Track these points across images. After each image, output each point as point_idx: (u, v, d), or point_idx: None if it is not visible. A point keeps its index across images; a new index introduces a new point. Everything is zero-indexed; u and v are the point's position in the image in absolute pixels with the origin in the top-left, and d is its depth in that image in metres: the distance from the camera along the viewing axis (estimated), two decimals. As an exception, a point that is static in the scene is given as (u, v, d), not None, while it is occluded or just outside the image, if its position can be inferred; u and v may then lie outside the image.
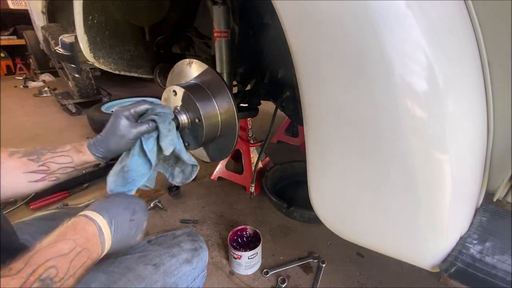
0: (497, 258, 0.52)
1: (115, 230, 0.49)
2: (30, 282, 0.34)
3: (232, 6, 1.01)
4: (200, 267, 0.75)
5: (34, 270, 0.36)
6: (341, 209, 0.65)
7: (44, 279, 0.36)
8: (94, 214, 0.48)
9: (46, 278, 0.36)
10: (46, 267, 0.37)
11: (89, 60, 1.15)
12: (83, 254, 0.42)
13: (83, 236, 0.43)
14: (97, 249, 0.46)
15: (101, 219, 0.48)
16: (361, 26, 0.48)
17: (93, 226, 0.46)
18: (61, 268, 0.38)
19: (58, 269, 0.38)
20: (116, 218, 0.50)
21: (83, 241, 0.43)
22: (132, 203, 0.56)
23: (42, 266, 0.36)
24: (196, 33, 1.33)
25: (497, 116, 0.58)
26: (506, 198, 0.63)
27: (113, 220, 0.50)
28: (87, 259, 0.43)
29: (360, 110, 0.53)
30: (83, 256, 0.42)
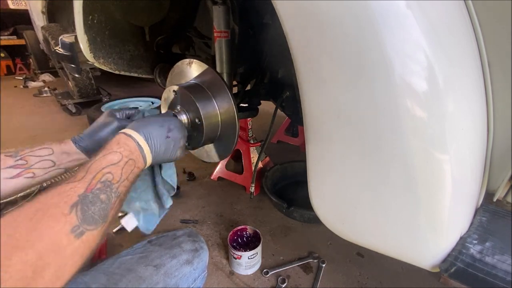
0: (497, 258, 0.52)
1: (152, 145, 0.53)
2: (93, 185, 0.41)
3: (232, 6, 1.01)
4: (201, 268, 0.75)
5: (94, 176, 0.42)
6: (341, 209, 0.65)
7: (104, 181, 0.43)
8: (131, 132, 0.52)
9: (105, 181, 0.43)
10: (103, 173, 0.43)
11: (89, 60, 1.15)
12: (130, 163, 0.48)
13: (126, 149, 0.49)
14: (140, 160, 0.51)
15: (138, 135, 0.52)
16: (361, 26, 0.48)
17: (132, 141, 0.51)
18: (115, 174, 0.45)
19: (113, 174, 0.44)
20: (152, 135, 0.54)
21: (128, 153, 0.48)
22: (166, 121, 0.58)
23: (100, 173, 0.43)
24: (196, 33, 1.33)
25: (497, 116, 0.58)
26: (506, 198, 0.63)
27: (149, 136, 0.53)
28: (134, 167, 0.49)
29: (360, 110, 0.53)
30: (131, 165, 0.48)
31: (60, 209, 0.37)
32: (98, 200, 0.41)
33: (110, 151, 0.47)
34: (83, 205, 0.39)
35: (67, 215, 0.37)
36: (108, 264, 0.66)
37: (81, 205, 0.38)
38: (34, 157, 0.56)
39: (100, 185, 0.42)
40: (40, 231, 0.34)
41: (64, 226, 0.36)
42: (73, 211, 0.37)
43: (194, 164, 1.94)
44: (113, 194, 0.43)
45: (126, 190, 0.47)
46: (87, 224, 0.38)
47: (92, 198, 0.40)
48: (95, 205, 0.40)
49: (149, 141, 0.53)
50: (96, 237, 0.40)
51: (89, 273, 0.63)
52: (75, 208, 0.38)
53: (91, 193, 0.40)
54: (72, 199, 0.38)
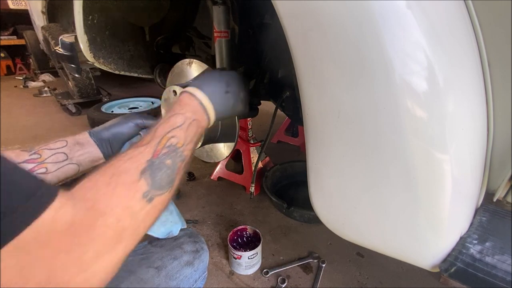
0: (497, 258, 0.52)
1: (214, 102, 0.54)
2: (159, 150, 0.43)
3: (232, 6, 1.01)
4: (201, 269, 0.75)
5: (159, 141, 0.44)
6: (341, 209, 0.65)
7: (169, 146, 0.44)
8: (194, 90, 0.53)
9: (170, 145, 0.44)
10: (168, 138, 0.45)
11: (89, 60, 1.15)
12: (193, 124, 0.49)
13: (188, 110, 0.50)
14: (204, 119, 0.52)
15: (200, 93, 0.52)
16: (361, 26, 0.48)
17: (194, 100, 0.52)
18: (179, 137, 0.46)
19: (177, 138, 0.46)
20: (213, 91, 0.54)
21: (191, 114, 0.50)
22: (223, 75, 0.58)
23: (165, 137, 0.44)
24: (196, 33, 1.33)
25: (497, 116, 0.58)
26: (506, 198, 0.63)
27: (211, 93, 0.54)
28: (197, 128, 0.50)
29: (360, 109, 0.53)
30: (194, 126, 0.49)
31: (131, 175, 0.39)
32: (164, 166, 0.42)
33: (173, 113, 0.49)
34: (151, 171, 0.40)
35: (138, 181, 0.39)
36: None
37: (149, 171, 0.40)
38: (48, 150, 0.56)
39: (165, 150, 0.43)
40: (116, 196, 0.36)
41: (136, 192, 0.38)
42: (142, 177, 0.39)
43: (194, 164, 1.94)
44: (178, 158, 0.45)
45: (191, 153, 0.48)
46: (156, 190, 0.40)
47: (158, 164, 0.42)
48: (162, 170, 0.42)
49: (211, 98, 0.53)
50: (164, 201, 0.42)
51: None
52: (144, 174, 0.40)
53: (157, 159, 0.42)
54: (141, 165, 0.40)
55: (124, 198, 0.37)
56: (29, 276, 0.28)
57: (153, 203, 0.39)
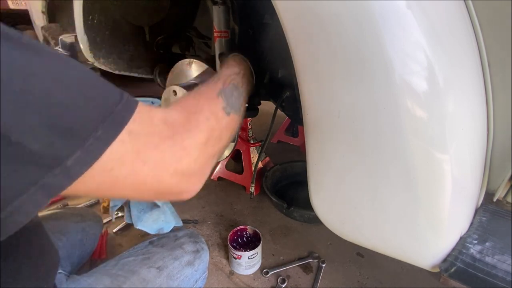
0: (497, 258, 0.52)
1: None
2: (227, 84, 0.54)
3: (232, 6, 1.01)
4: (202, 269, 0.75)
5: (225, 80, 0.55)
6: (341, 209, 0.65)
7: (233, 84, 0.56)
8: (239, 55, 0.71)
9: (234, 84, 0.56)
10: (231, 79, 0.56)
11: (89, 60, 1.15)
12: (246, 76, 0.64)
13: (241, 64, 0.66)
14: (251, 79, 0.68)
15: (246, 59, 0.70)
16: (361, 26, 0.48)
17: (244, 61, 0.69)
18: (238, 82, 0.58)
19: (237, 80, 0.58)
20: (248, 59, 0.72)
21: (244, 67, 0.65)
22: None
23: (228, 78, 0.56)
24: (196, 33, 1.33)
25: (497, 116, 0.58)
26: (506, 198, 0.63)
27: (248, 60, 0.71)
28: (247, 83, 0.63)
29: (360, 110, 0.53)
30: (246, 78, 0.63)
31: (211, 94, 0.49)
32: (234, 93, 0.53)
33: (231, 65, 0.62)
34: (225, 93, 0.50)
35: (216, 98, 0.49)
36: (111, 266, 0.66)
37: (224, 93, 0.50)
38: None
39: (231, 86, 0.54)
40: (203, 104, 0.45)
41: (217, 104, 0.48)
42: (219, 96, 0.49)
43: (194, 164, 1.93)
44: (240, 94, 0.55)
45: (244, 100, 0.58)
46: (230, 107, 0.49)
47: (229, 90, 0.52)
48: (233, 95, 0.52)
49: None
50: (236, 121, 0.51)
51: (92, 274, 0.64)
52: (221, 94, 0.50)
53: (227, 88, 0.53)
54: (216, 89, 0.51)
55: (208, 106, 0.46)
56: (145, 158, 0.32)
57: (230, 116, 0.48)
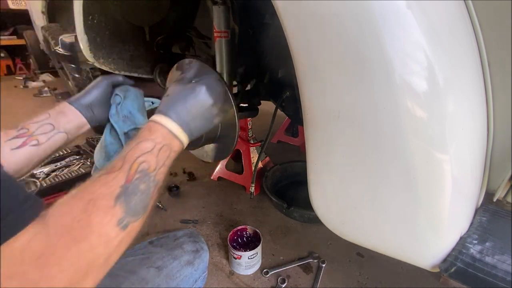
0: (497, 258, 0.52)
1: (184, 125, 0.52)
2: (131, 175, 0.41)
3: (232, 6, 1.01)
4: (201, 269, 0.75)
5: (131, 165, 0.42)
6: (341, 209, 0.65)
7: (141, 171, 0.43)
8: (160, 118, 0.51)
9: (142, 170, 0.43)
10: (139, 163, 0.43)
11: (89, 60, 1.15)
12: (164, 149, 0.48)
13: (158, 135, 0.48)
14: (176, 143, 0.51)
15: (167, 120, 0.51)
16: (361, 26, 0.48)
17: (162, 127, 0.50)
18: (150, 162, 0.45)
19: (148, 163, 0.44)
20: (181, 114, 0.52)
21: (161, 139, 0.48)
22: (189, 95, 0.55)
23: (135, 162, 0.43)
24: (196, 33, 1.33)
25: (497, 116, 0.58)
26: (506, 198, 0.63)
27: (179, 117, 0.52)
28: (170, 152, 0.49)
29: (360, 109, 0.53)
30: (165, 151, 0.48)
31: (107, 201, 0.38)
32: (139, 191, 0.41)
33: (142, 139, 0.47)
34: (126, 196, 0.39)
35: (113, 208, 0.38)
36: None
37: (124, 196, 0.39)
38: (34, 123, 0.56)
39: (138, 175, 0.42)
40: (93, 223, 0.35)
41: (112, 219, 0.37)
42: (117, 204, 0.38)
43: (194, 164, 1.94)
44: (151, 183, 0.43)
45: (164, 177, 0.47)
46: (131, 216, 0.39)
47: (132, 189, 0.41)
48: (136, 195, 0.41)
49: (180, 122, 0.51)
50: (137, 227, 0.41)
51: None
52: (119, 200, 0.39)
53: (131, 184, 0.41)
54: (115, 191, 0.39)
55: (99, 225, 0.36)
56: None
57: (127, 230, 0.39)
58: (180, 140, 0.51)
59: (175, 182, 1.76)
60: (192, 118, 0.54)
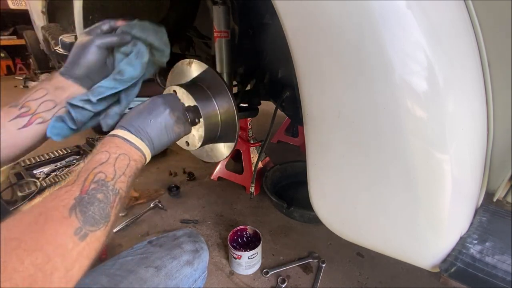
0: (497, 258, 0.52)
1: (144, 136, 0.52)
2: (87, 186, 0.40)
3: (232, 6, 1.01)
4: (201, 269, 0.75)
5: (86, 177, 0.41)
6: (341, 209, 0.65)
7: (97, 181, 0.42)
8: (115, 131, 0.51)
9: (99, 180, 0.42)
10: (94, 174, 0.42)
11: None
12: (121, 158, 0.46)
13: (112, 146, 0.47)
14: (135, 152, 0.49)
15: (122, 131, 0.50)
16: (361, 26, 0.48)
17: (116, 138, 0.49)
18: (107, 172, 0.43)
19: (105, 173, 0.43)
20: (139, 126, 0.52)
21: (115, 149, 0.47)
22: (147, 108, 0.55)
23: (91, 173, 0.42)
24: (196, 33, 1.33)
25: (497, 116, 0.58)
26: (506, 198, 0.63)
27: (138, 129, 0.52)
28: (129, 161, 0.47)
29: (360, 109, 0.53)
30: (123, 160, 0.47)
31: (60, 212, 0.36)
32: (96, 200, 0.40)
33: (97, 152, 0.46)
34: (81, 207, 0.38)
35: (68, 218, 0.36)
36: (109, 265, 0.66)
37: (79, 207, 0.38)
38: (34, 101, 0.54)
39: (94, 185, 0.41)
40: (46, 234, 0.34)
41: (67, 229, 0.36)
42: (72, 214, 0.37)
43: (194, 164, 1.94)
44: (110, 192, 0.42)
45: (126, 185, 0.45)
46: (89, 225, 0.38)
47: (88, 199, 0.39)
48: (94, 205, 0.39)
49: (134, 130, 0.51)
50: (100, 238, 0.40)
51: (90, 274, 0.63)
52: (74, 211, 0.37)
53: (86, 195, 0.40)
54: (69, 203, 0.38)
55: (54, 236, 0.34)
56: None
57: (87, 240, 0.37)
58: (139, 149, 0.50)
59: (175, 182, 1.76)
60: (148, 124, 0.53)
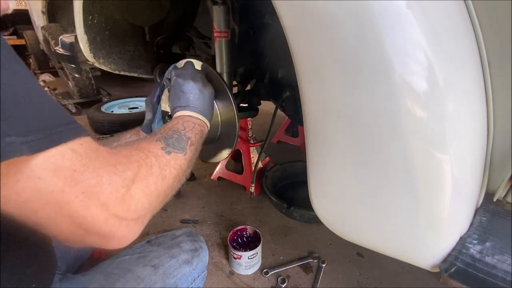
0: (497, 258, 0.52)
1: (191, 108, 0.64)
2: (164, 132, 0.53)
3: (232, 6, 1.01)
4: (200, 268, 0.75)
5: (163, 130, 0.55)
6: (341, 209, 0.65)
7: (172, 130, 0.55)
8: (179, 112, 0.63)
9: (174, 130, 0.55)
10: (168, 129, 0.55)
11: (89, 60, 1.15)
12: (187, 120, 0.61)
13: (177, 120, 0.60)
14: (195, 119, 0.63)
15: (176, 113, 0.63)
16: (361, 26, 0.48)
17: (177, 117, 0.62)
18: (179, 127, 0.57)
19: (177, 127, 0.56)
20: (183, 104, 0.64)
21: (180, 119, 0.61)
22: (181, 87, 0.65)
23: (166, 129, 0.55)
24: (196, 33, 1.33)
25: (497, 116, 0.58)
26: (506, 198, 0.63)
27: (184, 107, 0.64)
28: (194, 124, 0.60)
29: (360, 110, 0.53)
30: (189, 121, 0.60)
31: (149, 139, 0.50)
32: (173, 137, 0.53)
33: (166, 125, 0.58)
34: (162, 138, 0.51)
35: (155, 142, 0.49)
36: (107, 264, 0.66)
37: (162, 138, 0.51)
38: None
39: (170, 132, 0.54)
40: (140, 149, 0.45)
41: (156, 146, 0.48)
42: (158, 141, 0.50)
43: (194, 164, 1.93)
44: (183, 136, 0.55)
45: (194, 137, 0.57)
46: (171, 147, 0.50)
47: (168, 135, 0.52)
48: (172, 138, 0.52)
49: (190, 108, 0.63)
50: (180, 161, 0.50)
51: (87, 273, 0.63)
52: (159, 140, 0.50)
53: (166, 135, 0.52)
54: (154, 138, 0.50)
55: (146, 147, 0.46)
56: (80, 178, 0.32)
57: (171, 156, 0.48)
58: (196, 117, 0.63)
59: (175, 182, 1.76)
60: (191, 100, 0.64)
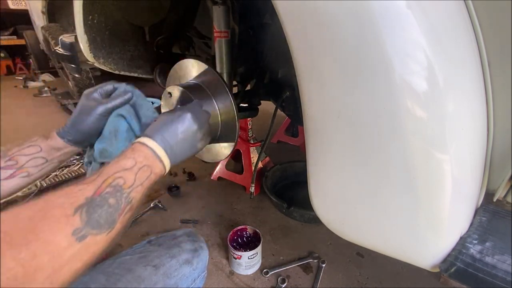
0: (497, 258, 0.52)
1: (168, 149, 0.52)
2: (102, 188, 0.40)
3: (232, 6, 1.01)
4: (200, 268, 0.75)
5: (105, 179, 0.41)
6: (341, 209, 0.65)
7: (114, 185, 0.41)
8: (145, 139, 0.51)
9: (116, 185, 0.42)
10: (114, 178, 0.42)
11: (89, 60, 1.15)
12: (144, 169, 0.47)
13: (140, 155, 0.48)
14: (158, 166, 0.50)
15: (152, 142, 0.50)
16: (361, 26, 0.48)
17: (146, 148, 0.49)
18: (127, 179, 0.43)
19: (124, 179, 0.43)
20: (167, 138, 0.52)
21: (142, 159, 0.47)
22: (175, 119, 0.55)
23: (111, 177, 0.42)
24: (196, 33, 1.33)
25: (497, 116, 0.58)
26: (506, 198, 0.63)
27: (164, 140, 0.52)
28: (150, 174, 0.47)
29: (360, 110, 0.53)
30: (146, 171, 0.47)
31: (64, 210, 0.35)
32: (106, 204, 0.39)
33: (124, 157, 0.46)
34: (89, 207, 0.37)
35: (70, 217, 0.35)
36: (107, 264, 0.66)
37: (87, 207, 0.37)
38: (24, 156, 0.54)
39: (110, 189, 0.40)
40: (38, 230, 0.32)
41: (65, 228, 0.34)
42: (77, 213, 0.36)
43: (194, 164, 1.94)
44: (123, 199, 0.42)
45: (140, 196, 0.45)
46: (91, 228, 0.36)
47: (99, 201, 0.39)
48: (102, 208, 0.38)
49: (164, 145, 0.51)
50: (100, 243, 0.38)
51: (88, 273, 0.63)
52: (80, 210, 0.36)
53: (99, 196, 0.39)
54: (79, 201, 0.37)
55: (46, 233, 0.33)
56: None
57: (85, 241, 0.35)
58: (163, 163, 0.50)
59: (175, 182, 1.76)
60: (176, 142, 0.53)
